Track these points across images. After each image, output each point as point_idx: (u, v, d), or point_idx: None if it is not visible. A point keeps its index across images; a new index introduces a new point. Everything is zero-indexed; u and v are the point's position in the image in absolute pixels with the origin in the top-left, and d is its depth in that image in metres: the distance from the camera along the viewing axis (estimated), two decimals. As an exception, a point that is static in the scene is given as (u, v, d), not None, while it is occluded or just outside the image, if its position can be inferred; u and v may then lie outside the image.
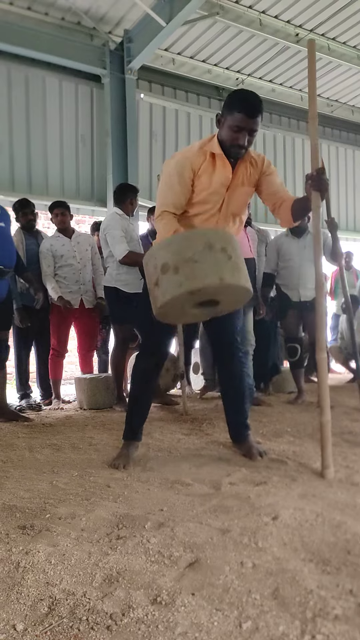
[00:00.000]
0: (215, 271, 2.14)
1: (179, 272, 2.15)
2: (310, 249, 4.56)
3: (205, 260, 2.14)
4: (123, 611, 1.23)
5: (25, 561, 1.48)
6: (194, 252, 2.15)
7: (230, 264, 2.20)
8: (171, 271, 2.16)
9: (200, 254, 2.16)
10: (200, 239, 2.19)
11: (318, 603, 1.24)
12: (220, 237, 2.25)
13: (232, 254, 2.22)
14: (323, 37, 7.16)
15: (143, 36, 6.49)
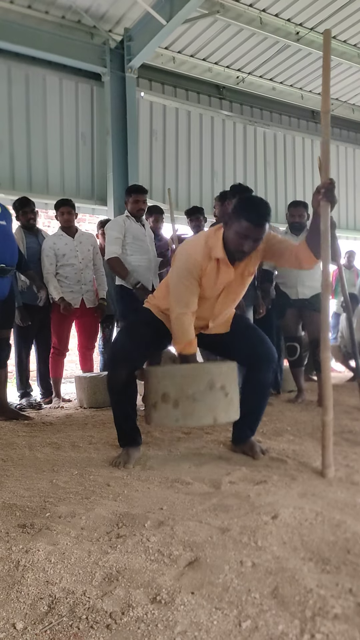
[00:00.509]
0: (211, 411, 2.35)
1: (178, 407, 2.35)
2: None
3: (204, 400, 2.35)
4: (123, 610, 1.24)
5: (25, 560, 1.48)
6: (195, 390, 2.33)
7: (226, 401, 2.40)
8: (171, 404, 2.36)
9: (201, 394, 2.35)
10: (204, 378, 2.35)
11: (317, 602, 1.24)
12: (222, 374, 2.41)
13: (229, 389, 2.43)
14: (323, 35, 7.14)
15: (143, 34, 6.48)
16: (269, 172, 8.86)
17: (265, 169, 8.81)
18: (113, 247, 4.24)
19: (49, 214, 7.42)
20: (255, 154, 8.69)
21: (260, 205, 2.44)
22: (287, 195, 9.01)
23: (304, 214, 4.62)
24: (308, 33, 7.00)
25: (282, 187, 9.01)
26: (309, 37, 7.07)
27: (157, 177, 7.59)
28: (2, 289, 3.75)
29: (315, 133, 9.33)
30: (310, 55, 7.52)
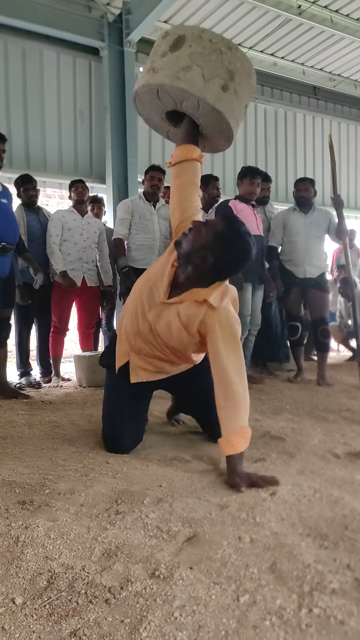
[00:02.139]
0: (206, 90, 2.22)
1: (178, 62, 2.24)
2: (316, 226, 4.53)
3: (208, 67, 2.21)
4: (121, 585, 1.24)
5: (25, 536, 1.48)
6: (211, 51, 2.22)
7: (229, 97, 2.27)
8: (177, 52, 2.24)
9: (211, 61, 2.22)
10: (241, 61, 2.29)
11: (315, 577, 1.25)
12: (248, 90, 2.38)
13: (241, 100, 2.34)
14: (326, 9, 7.00)
15: (142, 8, 6.33)
16: (269, 149, 8.75)
17: (265, 145, 8.70)
18: (119, 227, 4.52)
19: (47, 192, 7.35)
20: (255, 131, 8.57)
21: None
22: (288, 173, 8.92)
23: (310, 188, 4.60)
24: (310, 7, 6.85)
25: (282, 164, 8.91)
26: (310, 11, 6.92)
27: (157, 154, 7.49)
28: (2, 268, 3.73)
29: (317, 110, 9.20)
30: (312, 30, 7.37)
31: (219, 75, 2.22)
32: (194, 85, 2.25)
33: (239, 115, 2.36)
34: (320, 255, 4.60)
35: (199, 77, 2.23)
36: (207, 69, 2.23)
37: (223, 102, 2.25)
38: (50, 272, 4.76)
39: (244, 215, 4.15)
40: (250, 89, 2.38)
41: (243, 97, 2.33)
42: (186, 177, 2.30)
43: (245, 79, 2.29)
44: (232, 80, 2.24)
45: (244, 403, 1.99)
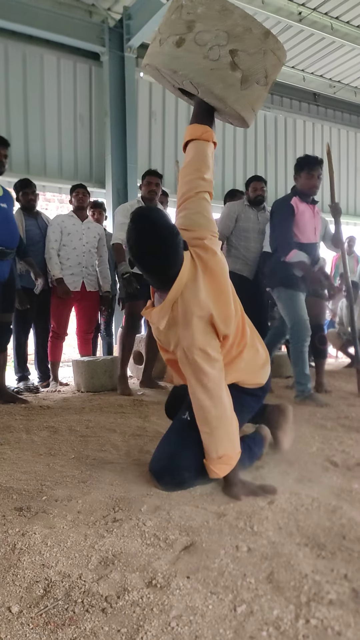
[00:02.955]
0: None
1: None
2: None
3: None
4: (118, 594, 1.24)
5: (22, 543, 1.48)
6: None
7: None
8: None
9: (171, 22, 1.90)
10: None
11: (312, 587, 1.25)
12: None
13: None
14: (326, 16, 7.03)
15: (143, 13, 6.36)
16: (269, 156, 8.78)
17: (265, 152, 8.73)
18: (118, 232, 4.35)
19: (47, 197, 7.36)
20: (255, 137, 8.59)
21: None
22: (288, 179, 8.93)
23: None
24: (310, 13, 6.88)
25: (282, 171, 8.93)
26: (311, 18, 6.95)
27: (156, 159, 7.50)
28: (2, 272, 3.74)
29: (317, 116, 9.23)
30: (313, 37, 7.41)
31: (174, 32, 1.91)
32: (150, 55, 2.04)
33: (220, 69, 1.91)
34: (319, 262, 4.60)
35: (156, 44, 1.98)
36: (165, 32, 1.95)
37: (177, 59, 1.93)
38: (49, 277, 4.76)
39: (303, 219, 3.90)
40: (235, 30, 1.88)
41: (218, 42, 1.88)
42: (187, 158, 2.14)
43: (216, 21, 1.86)
44: (191, 31, 1.88)
45: (221, 428, 1.87)
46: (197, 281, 1.89)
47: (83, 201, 4.87)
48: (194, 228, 2.02)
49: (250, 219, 4.65)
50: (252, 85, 1.94)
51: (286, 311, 3.96)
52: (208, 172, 2.10)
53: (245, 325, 2.11)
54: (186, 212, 2.08)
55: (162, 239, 1.83)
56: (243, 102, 1.98)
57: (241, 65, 1.89)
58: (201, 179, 2.07)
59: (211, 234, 2.03)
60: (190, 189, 2.08)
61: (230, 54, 1.88)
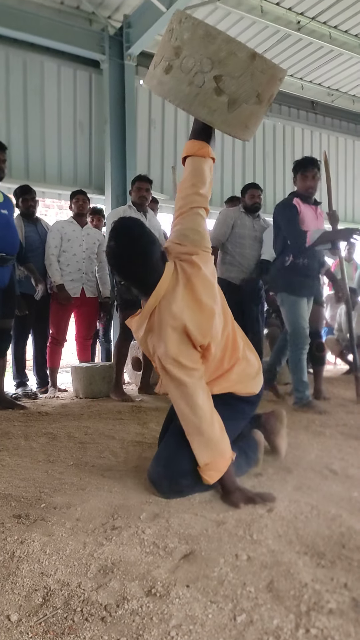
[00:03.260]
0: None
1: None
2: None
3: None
4: (117, 602, 1.24)
5: (20, 551, 1.48)
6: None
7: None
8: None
9: (163, 44, 1.92)
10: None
11: (312, 597, 1.24)
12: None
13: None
14: (325, 25, 7.08)
15: (143, 22, 6.39)
16: (267, 163, 8.81)
17: (264, 159, 8.76)
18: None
19: (46, 203, 7.37)
20: (254, 144, 8.63)
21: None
22: (286, 186, 8.97)
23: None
24: (309, 22, 6.93)
25: (280, 178, 8.97)
26: (310, 27, 7.00)
27: (155, 166, 7.53)
28: (2, 278, 3.74)
29: (315, 124, 9.28)
30: (311, 45, 7.45)
31: (165, 57, 1.96)
32: (147, 76, 2.11)
33: (203, 95, 1.93)
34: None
35: (152, 65, 2.04)
36: (159, 55, 2.00)
37: (164, 85, 1.98)
38: (48, 283, 4.76)
39: (307, 221, 3.85)
40: (218, 55, 1.88)
41: (202, 68, 1.89)
42: (185, 174, 2.18)
43: (199, 47, 1.88)
44: (177, 57, 1.91)
45: (201, 435, 1.89)
46: (175, 293, 1.92)
47: (83, 208, 4.88)
48: (185, 243, 2.06)
49: (246, 226, 4.67)
50: (241, 106, 1.95)
51: (287, 317, 3.97)
52: (203, 187, 2.12)
53: (237, 338, 2.13)
54: (180, 227, 2.12)
55: (136, 248, 1.90)
56: (232, 122, 1.99)
57: (226, 90, 1.91)
58: (196, 194, 2.11)
59: (203, 249, 2.06)
60: (185, 204, 2.12)
61: (214, 79, 1.89)
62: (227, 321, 2.07)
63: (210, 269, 2.04)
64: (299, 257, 3.83)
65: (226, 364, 2.07)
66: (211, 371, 2.05)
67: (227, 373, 2.09)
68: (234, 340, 2.10)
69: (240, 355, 2.12)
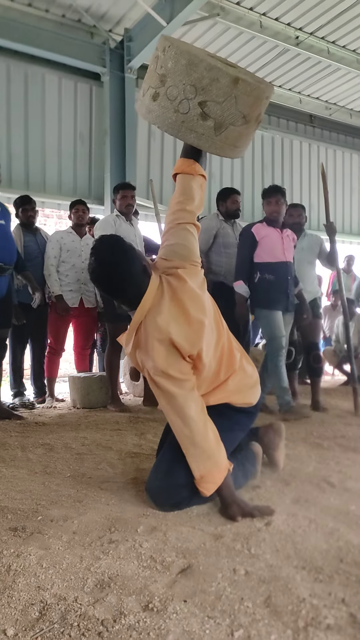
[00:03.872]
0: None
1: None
2: (308, 251, 4.54)
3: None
4: (114, 617, 1.23)
5: (17, 564, 1.47)
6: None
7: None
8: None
9: (150, 71, 2.01)
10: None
11: (310, 612, 1.24)
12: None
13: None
14: (323, 40, 7.15)
15: (143, 35, 6.46)
16: (266, 175, 8.86)
17: (262, 172, 8.82)
18: None
19: (45, 212, 7.40)
20: (252, 157, 8.68)
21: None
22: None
23: (303, 215, 4.62)
24: (307, 37, 7.00)
25: (279, 191, 9.01)
26: (308, 42, 7.07)
27: (155, 179, 7.55)
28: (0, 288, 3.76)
29: (313, 137, 9.36)
30: (309, 60, 7.52)
31: (151, 84, 2.04)
32: (137, 101, 2.20)
33: (189, 121, 2.01)
34: (313, 281, 4.63)
35: (141, 93, 2.14)
36: (147, 82, 2.08)
37: (152, 113, 2.07)
38: (46, 292, 4.77)
39: (268, 242, 4.05)
40: (202, 82, 1.95)
41: (187, 96, 1.97)
42: (175, 191, 2.25)
43: (183, 76, 1.95)
44: (163, 85, 1.99)
45: (195, 448, 1.90)
46: (161, 306, 1.94)
47: (82, 218, 4.90)
48: (172, 258, 2.09)
49: (229, 235, 4.61)
50: (228, 128, 2.02)
51: (263, 329, 4.15)
52: (191, 204, 2.18)
53: (233, 349, 2.13)
54: (167, 242, 2.16)
55: (116, 265, 1.92)
56: (220, 144, 2.07)
57: (212, 114, 1.98)
58: (184, 211, 2.16)
59: (191, 263, 2.08)
60: (173, 220, 2.17)
61: (199, 105, 1.96)
62: (221, 333, 2.08)
63: (198, 282, 2.05)
64: (264, 274, 4.03)
65: (222, 375, 2.08)
66: (208, 383, 2.05)
67: (224, 384, 2.09)
68: (229, 352, 2.10)
69: (237, 366, 2.12)
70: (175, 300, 1.95)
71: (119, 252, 1.96)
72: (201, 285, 2.06)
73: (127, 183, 4.57)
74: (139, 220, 5.43)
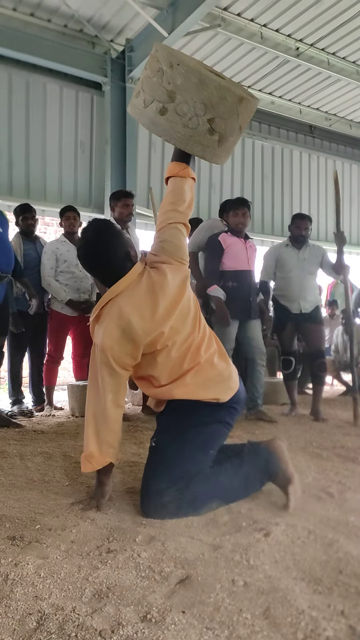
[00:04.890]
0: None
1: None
2: (310, 261, 4.55)
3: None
4: (112, 628, 1.22)
5: (14, 573, 1.46)
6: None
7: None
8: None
9: (153, 84, 2.09)
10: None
11: (309, 624, 1.23)
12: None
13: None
14: (323, 51, 7.22)
15: (145, 46, 6.51)
16: (266, 185, 8.91)
17: (262, 182, 8.86)
18: None
19: (46, 221, 7.43)
20: (253, 167, 8.73)
21: None
22: (284, 209, 9.07)
23: (309, 227, 4.65)
24: (308, 49, 7.07)
25: (279, 201, 9.06)
26: (308, 53, 7.14)
27: (155, 189, 7.58)
28: (-3, 296, 3.76)
29: (313, 147, 9.41)
30: (310, 71, 7.59)
31: (157, 98, 2.12)
32: (135, 111, 2.26)
33: (197, 135, 2.12)
34: (315, 291, 4.65)
35: (141, 102, 2.19)
36: (149, 93, 2.15)
37: (159, 126, 2.16)
38: (45, 300, 4.77)
39: (233, 250, 4.21)
40: (211, 100, 2.06)
41: (196, 112, 2.07)
42: (166, 193, 2.34)
43: (193, 94, 2.04)
44: (172, 101, 2.08)
45: (92, 426, 2.04)
46: (132, 293, 2.02)
47: (74, 226, 4.82)
48: (159, 253, 2.19)
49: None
50: (228, 140, 2.18)
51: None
52: (182, 205, 2.28)
53: (202, 344, 2.12)
54: (158, 239, 2.25)
55: (101, 240, 2.06)
56: (220, 155, 2.24)
57: (218, 129, 2.12)
58: (175, 211, 2.26)
59: (177, 260, 2.17)
60: (165, 219, 2.26)
61: (208, 121, 2.09)
62: (195, 327, 2.13)
63: (181, 278, 2.12)
64: (228, 281, 4.18)
65: (186, 365, 2.09)
66: (168, 373, 2.08)
67: (185, 375, 2.08)
68: (198, 346, 2.12)
69: (203, 359, 2.10)
70: (150, 293, 2.02)
71: (105, 232, 2.09)
72: (183, 281, 2.13)
73: (128, 191, 4.56)
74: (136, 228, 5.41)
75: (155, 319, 1.99)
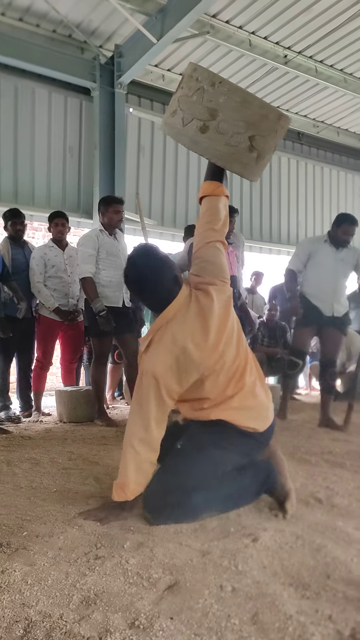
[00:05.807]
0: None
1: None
2: (346, 262, 4.35)
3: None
4: (100, 635, 1.21)
5: (1, 580, 1.45)
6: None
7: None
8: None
9: (192, 102, 2.12)
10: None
11: (297, 629, 1.23)
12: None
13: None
14: (311, 59, 7.29)
15: (133, 52, 6.54)
16: (254, 192, 8.96)
17: (251, 188, 8.91)
18: (86, 265, 4.14)
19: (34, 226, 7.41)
20: (241, 173, 8.78)
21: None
22: (272, 216, 9.14)
23: (355, 233, 4.40)
24: (296, 56, 7.13)
25: (267, 205, 9.13)
26: (296, 61, 7.20)
27: (144, 193, 7.61)
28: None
29: (301, 154, 9.49)
30: (298, 78, 7.66)
31: (197, 116, 2.14)
32: (171, 131, 2.27)
33: (238, 153, 2.17)
34: (344, 294, 4.49)
35: (179, 121, 2.21)
36: (187, 111, 2.17)
37: (199, 144, 2.18)
38: (33, 305, 4.75)
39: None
40: (253, 119, 2.11)
41: (238, 130, 2.12)
42: (201, 213, 2.35)
43: (236, 112, 2.09)
44: (214, 119, 2.11)
45: (124, 458, 2.00)
46: (185, 318, 1.99)
47: (62, 233, 4.80)
48: (202, 274, 2.17)
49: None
50: (264, 157, 2.23)
51: None
52: (218, 223, 2.28)
53: (246, 370, 2.12)
54: (198, 260, 2.24)
55: (149, 264, 2.04)
56: (257, 172, 2.28)
57: (257, 147, 2.17)
58: (211, 230, 2.27)
59: (220, 280, 2.15)
60: (202, 239, 2.27)
61: (249, 139, 2.13)
62: (239, 351, 2.11)
63: (224, 300, 2.10)
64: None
65: (230, 391, 2.08)
66: (215, 395, 2.06)
67: (230, 400, 2.08)
68: (243, 371, 2.11)
69: (247, 387, 2.10)
70: (201, 317, 2.00)
71: (153, 258, 2.07)
72: (228, 302, 2.13)
73: (119, 197, 4.53)
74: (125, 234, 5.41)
75: (208, 344, 1.98)
